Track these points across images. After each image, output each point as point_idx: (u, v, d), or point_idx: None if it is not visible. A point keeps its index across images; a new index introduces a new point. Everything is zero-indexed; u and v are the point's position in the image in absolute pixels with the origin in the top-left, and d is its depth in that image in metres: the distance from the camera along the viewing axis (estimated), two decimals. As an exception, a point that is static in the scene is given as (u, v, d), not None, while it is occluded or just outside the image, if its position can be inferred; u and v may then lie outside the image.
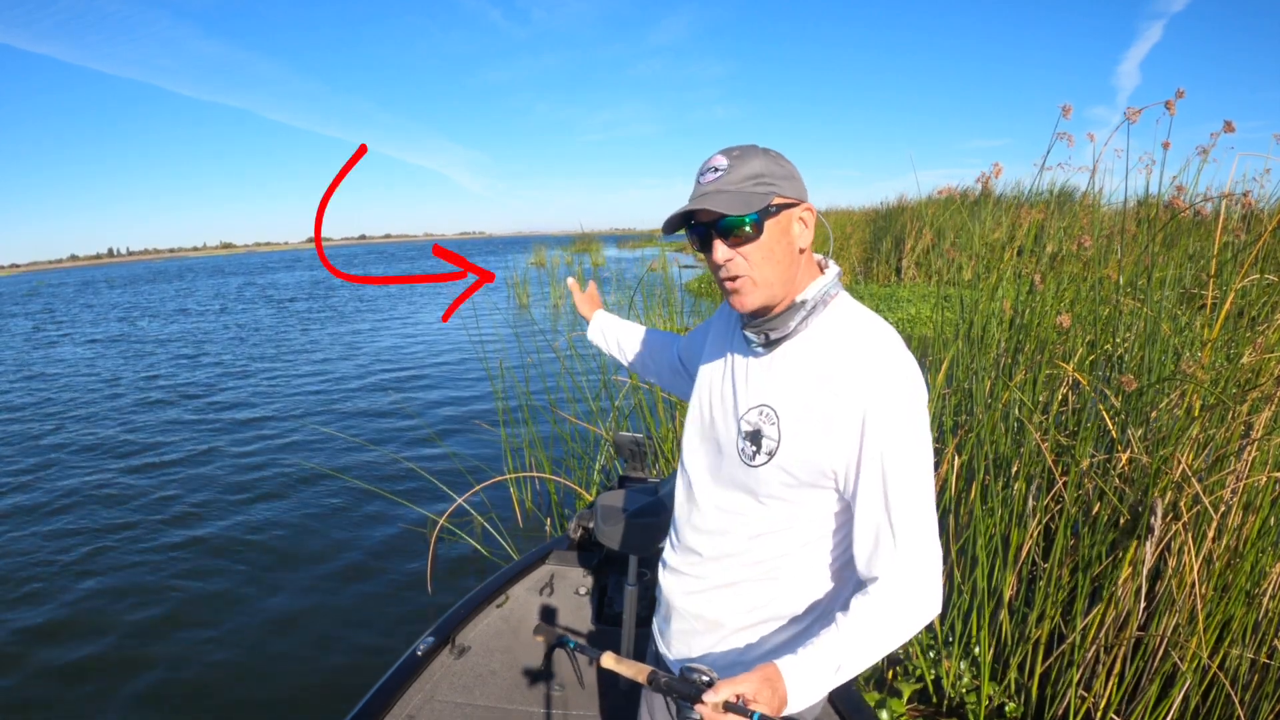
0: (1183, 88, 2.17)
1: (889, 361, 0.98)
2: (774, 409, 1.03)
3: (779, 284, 1.01)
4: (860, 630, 0.93)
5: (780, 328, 1.03)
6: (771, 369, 1.05)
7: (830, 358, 1.00)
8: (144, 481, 5.38)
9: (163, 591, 3.71)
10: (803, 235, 1.03)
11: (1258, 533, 1.97)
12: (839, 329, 1.03)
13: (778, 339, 1.04)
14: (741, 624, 1.12)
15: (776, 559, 1.08)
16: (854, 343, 1.00)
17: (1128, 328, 2.62)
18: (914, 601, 0.96)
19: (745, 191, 0.96)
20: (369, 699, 1.70)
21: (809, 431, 0.99)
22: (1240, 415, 2.08)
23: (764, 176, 0.97)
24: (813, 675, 0.90)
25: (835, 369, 0.99)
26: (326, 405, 7.49)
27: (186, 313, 19.08)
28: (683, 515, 1.18)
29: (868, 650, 0.94)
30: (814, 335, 1.04)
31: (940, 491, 2.58)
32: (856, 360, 0.98)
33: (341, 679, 2.93)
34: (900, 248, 12.96)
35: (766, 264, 0.99)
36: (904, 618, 0.96)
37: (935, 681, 2.49)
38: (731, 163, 0.98)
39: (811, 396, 1.00)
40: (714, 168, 0.99)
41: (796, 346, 1.04)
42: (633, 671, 0.97)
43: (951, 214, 9.02)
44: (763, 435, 1.03)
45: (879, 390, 0.96)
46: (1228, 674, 1.98)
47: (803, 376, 1.02)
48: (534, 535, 4.13)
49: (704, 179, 0.99)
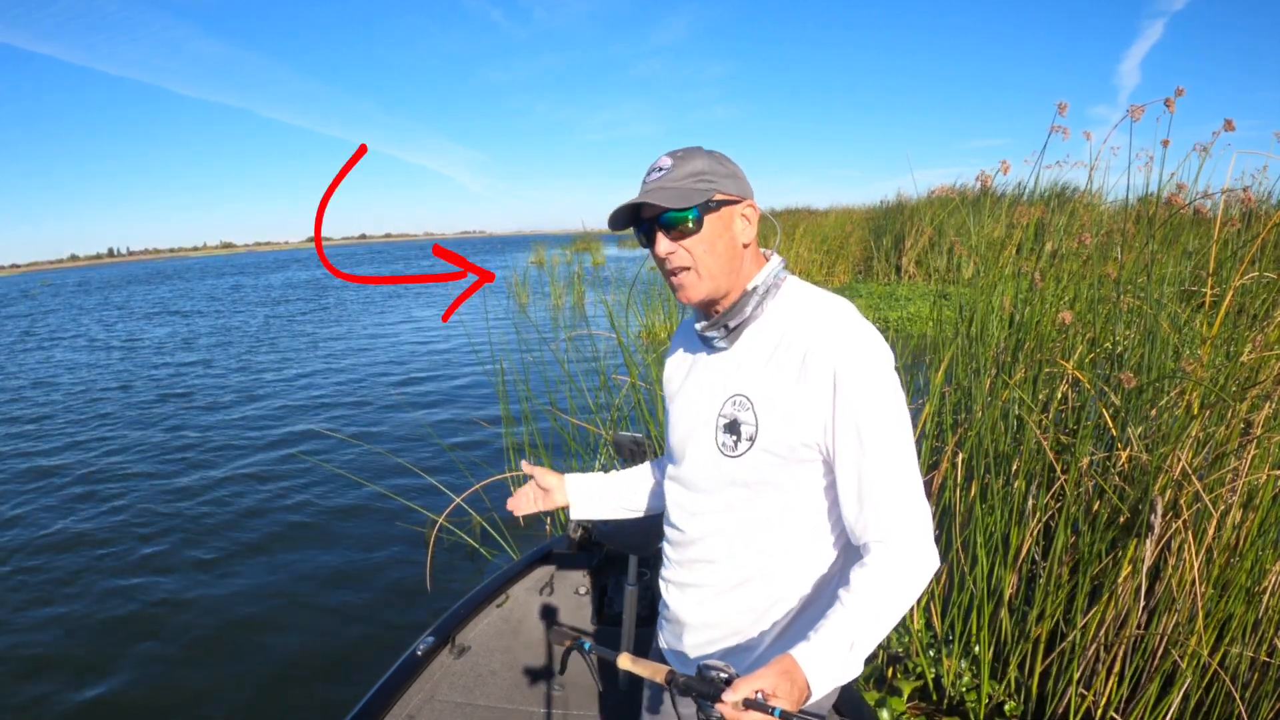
0: (1182, 86, 2.17)
1: (850, 325, 1.01)
2: (746, 396, 1.05)
3: (722, 276, 1.05)
4: (865, 602, 0.93)
5: (737, 315, 1.07)
6: (736, 358, 1.09)
7: (792, 332, 1.03)
8: (143, 481, 5.38)
9: (159, 591, 3.71)
10: (745, 231, 1.06)
11: (1258, 530, 1.97)
12: (795, 307, 1.06)
13: (737, 325, 1.07)
14: (757, 620, 1.11)
15: (779, 548, 1.08)
16: (813, 314, 1.04)
17: (1127, 325, 2.61)
18: (910, 561, 0.96)
19: (686, 188, 1.01)
20: (369, 699, 1.70)
21: (784, 407, 1.01)
22: (1240, 413, 2.08)
23: (705, 174, 1.02)
24: (828, 659, 0.90)
25: (799, 340, 1.02)
26: (326, 404, 7.49)
27: (186, 313, 19.08)
28: (678, 527, 1.17)
29: (877, 621, 0.94)
30: (771, 318, 1.07)
31: (940, 490, 2.58)
32: (819, 327, 1.01)
33: (341, 679, 2.93)
34: (900, 246, 12.96)
35: (708, 257, 1.03)
36: (904, 579, 0.96)
37: (935, 680, 2.49)
38: (675, 162, 1.03)
39: (779, 372, 1.02)
40: (658, 168, 1.04)
41: (756, 331, 1.08)
42: (650, 671, 0.98)
43: (950, 212, 9.02)
44: (740, 424, 1.05)
45: (845, 350, 0.98)
46: (1228, 672, 1.98)
47: (768, 356, 1.05)
48: (534, 535, 4.13)
49: (649, 178, 1.04)
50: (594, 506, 1.39)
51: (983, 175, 2.82)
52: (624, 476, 1.41)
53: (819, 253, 13.22)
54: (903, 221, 13.00)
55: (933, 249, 12.00)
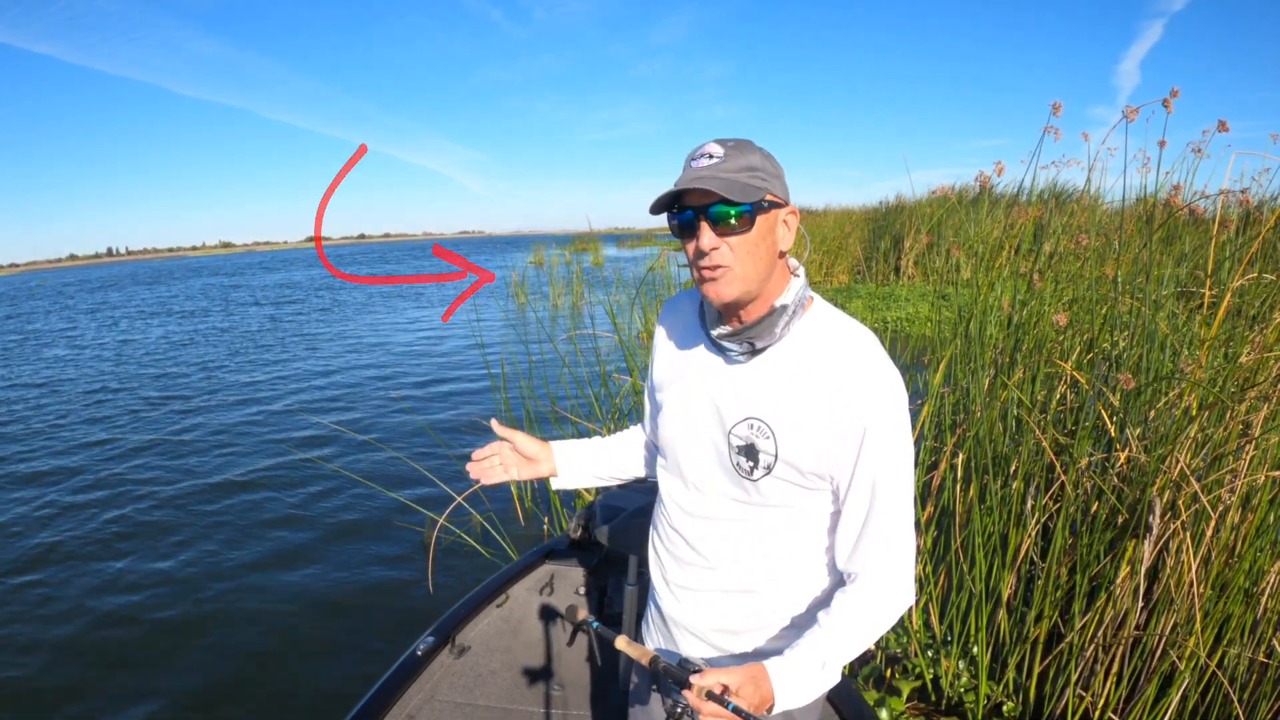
0: (1178, 87, 2.17)
1: (883, 374, 0.99)
2: (765, 422, 1.02)
3: (756, 280, 0.99)
4: (843, 627, 0.98)
5: (765, 336, 1.02)
6: (756, 378, 1.04)
7: (821, 366, 1.00)
8: (142, 480, 5.38)
9: (158, 591, 3.71)
10: (785, 237, 1.02)
11: (1256, 532, 1.97)
12: (824, 335, 1.03)
13: (763, 347, 1.03)
14: (753, 629, 1.11)
15: (775, 559, 1.08)
16: (845, 352, 1.00)
17: (1126, 326, 2.62)
18: (892, 596, 1.01)
19: (741, 182, 0.94)
20: (369, 699, 1.70)
21: (806, 444, 1.00)
22: (1238, 414, 2.08)
23: (759, 171, 0.96)
24: (798, 675, 0.94)
25: (829, 379, 0.99)
26: (325, 404, 7.49)
27: (185, 314, 19.06)
28: (675, 527, 1.15)
29: (851, 645, 0.98)
30: (796, 341, 1.03)
31: (939, 490, 2.58)
32: (852, 372, 0.99)
33: (341, 678, 2.93)
34: (899, 247, 12.96)
35: (749, 259, 0.97)
36: (883, 612, 1.01)
37: (934, 680, 2.49)
38: (727, 152, 0.96)
39: (806, 407, 0.99)
40: (708, 154, 0.96)
41: (781, 353, 1.03)
42: (638, 654, 1.02)
43: (949, 212, 9.03)
44: (758, 450, 1.02)
45: (877, 405, 0.97)
46: (1226, 673, 1.99)
47: (791, 384, 1.01)
48: (534, 535, 4.13)
49: (696, 163, 0.96)
50: (583, 477, 1.33)
51: (981, 175, 2.83)
52: (612, 444, 1.36)
53: (818, 253, 13.22)
54: (902, 222, 13.00)
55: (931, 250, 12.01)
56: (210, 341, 12.88)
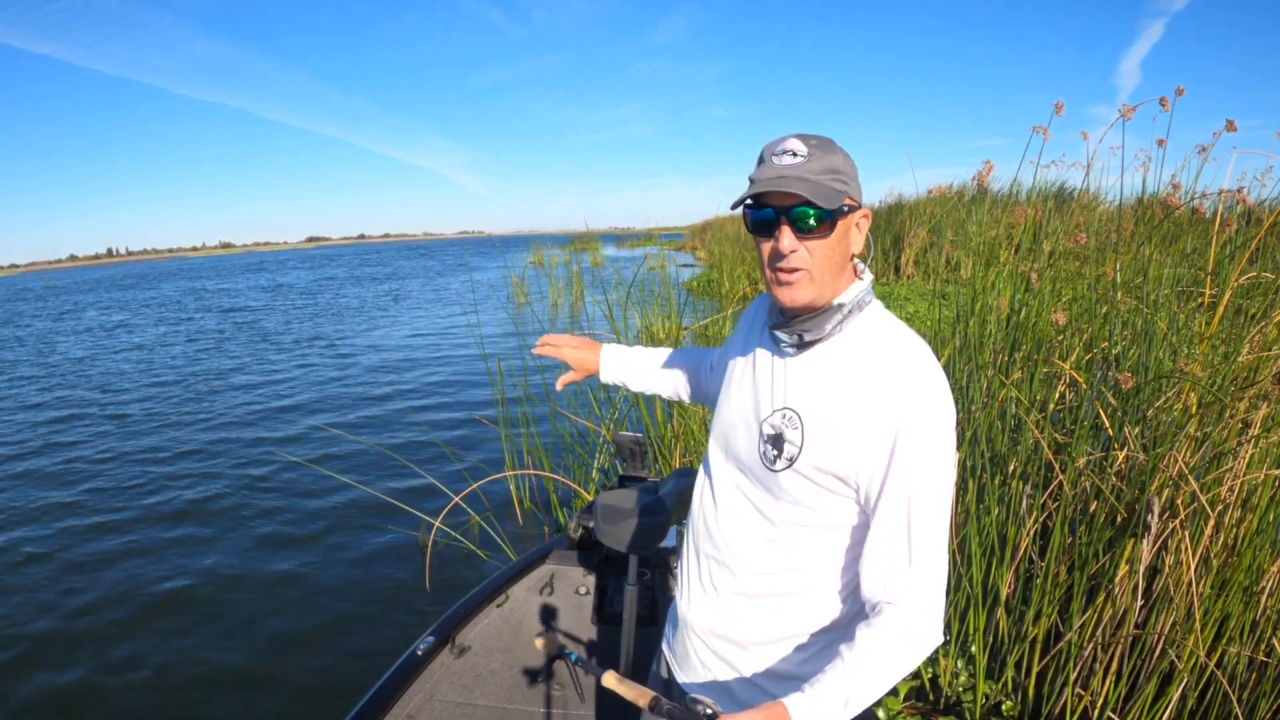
0: (1183, 86, 2.16)
1: (926, 381, 0.95)
2: (798, 413, 1.00)
3: (829, 284, 0.98)
4: (868, 663, 0.89)
5: (816, 330, 1.00)
6: (799, 371, 1.02)
7: (864, 367, 0.97)
8: (140, 480, 5.38)
9: (156, 591, 3.71)
10: (857, 241, 1.01)
11: (1255, 530, 1.97)
12: (873, 338, 1.00)
13: (811, 341, 1.01)
14: (759, 639, 1.08)
15: (795, 569, 1.04)
16: (890, 355, 0.97)
17: (1125, 325, 2.62)
18: (921, 633, 0.93)
19: (827, 185, 0.92)
20: (369, 699, 1.71)
21: (832, 439, 0.97)
22: (1238, 413, 2.08)
23: (842, 173, 0.94)
24: (819, 713, 0.86)
25: (869, 379, 0.96)
26: (324, 403, 7.49)
27: (182, 314, 19.06)
28: (703, 519, 1.14)
29: (876, 683, 0.90)
30: (847, 341, 1.01)
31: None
32: (893, 374, 0.95)
33: (341, 679, 2.93)
34: (899, 245, 12.95)
35: (827, 263, 0.96)
36: (911, 649, 0.93)
37: (932, 679, 2.49)
38: (811, 151, 0.93)
39: (840, 404, 0.97)
40: (791, 151, 0.93)
41: (828, 350, 1.01)
42: (634, 695, 0.95)
43: (948, 211, 9.03)
44: (785, 440, 1.00)
45: (915, 410, 0.93)
46: (1225, 672, 1.99)
47: (832, 382, 0.99)
48: (534, 535, 4.13)
49: (779, 160, 0.94)
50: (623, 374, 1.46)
51: (980, 175, 2.83)
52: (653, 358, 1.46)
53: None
54: (902, 220, 12.99)
55: (931, 248, 12.01)
56: (209, 342, 12.88)
